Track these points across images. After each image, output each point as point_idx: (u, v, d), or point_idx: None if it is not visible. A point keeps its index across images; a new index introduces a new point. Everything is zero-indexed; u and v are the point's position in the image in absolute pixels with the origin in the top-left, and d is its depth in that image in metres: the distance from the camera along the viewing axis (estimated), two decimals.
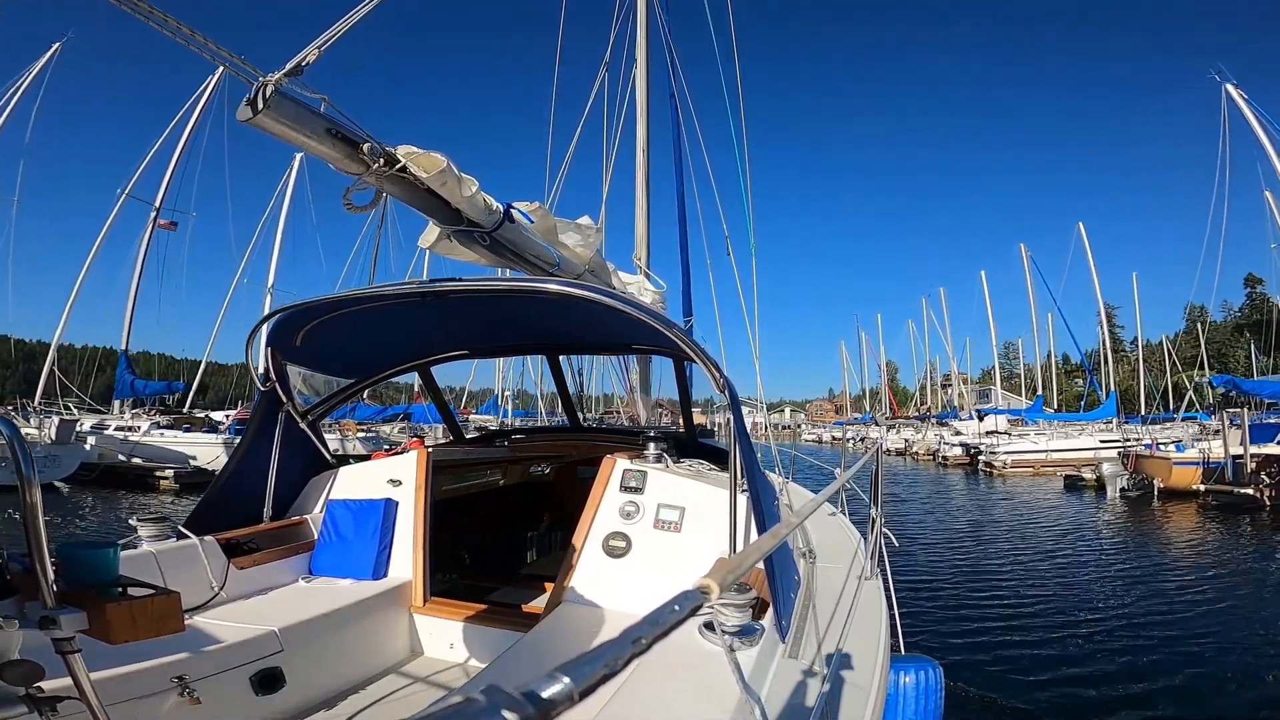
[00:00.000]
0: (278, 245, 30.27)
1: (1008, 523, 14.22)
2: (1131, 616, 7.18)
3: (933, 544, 11.54)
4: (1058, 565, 9.94)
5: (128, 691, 1.89)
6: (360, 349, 3.76)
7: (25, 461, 1.34)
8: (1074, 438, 28.64)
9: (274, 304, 28.87)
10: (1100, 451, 25.05)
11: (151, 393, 24.38)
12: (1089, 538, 12.54)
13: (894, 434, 45.71)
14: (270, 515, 3.30)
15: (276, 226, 30.55)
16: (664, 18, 8.41)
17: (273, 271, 29.74)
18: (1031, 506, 17.05)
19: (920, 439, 41.00)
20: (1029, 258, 42.06)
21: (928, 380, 66.34)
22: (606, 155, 8.44)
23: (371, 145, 2.52)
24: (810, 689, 1.72)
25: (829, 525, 3.80)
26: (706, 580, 0.71)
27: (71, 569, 1.49)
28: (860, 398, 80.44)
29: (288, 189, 31.04)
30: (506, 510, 4.75)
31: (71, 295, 24.63)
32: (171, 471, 19.34)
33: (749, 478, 2.49)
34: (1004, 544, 11.60)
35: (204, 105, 26.04)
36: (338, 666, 2.67)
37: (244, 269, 30.63)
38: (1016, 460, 27.01)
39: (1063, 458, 26.17)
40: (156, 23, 1.87)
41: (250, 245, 30.96)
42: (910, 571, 9.06)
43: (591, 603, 2.76)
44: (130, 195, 24.92)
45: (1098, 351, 45.67)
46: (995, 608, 7.48)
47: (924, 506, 17.37)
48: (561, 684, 0.45)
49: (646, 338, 3.89)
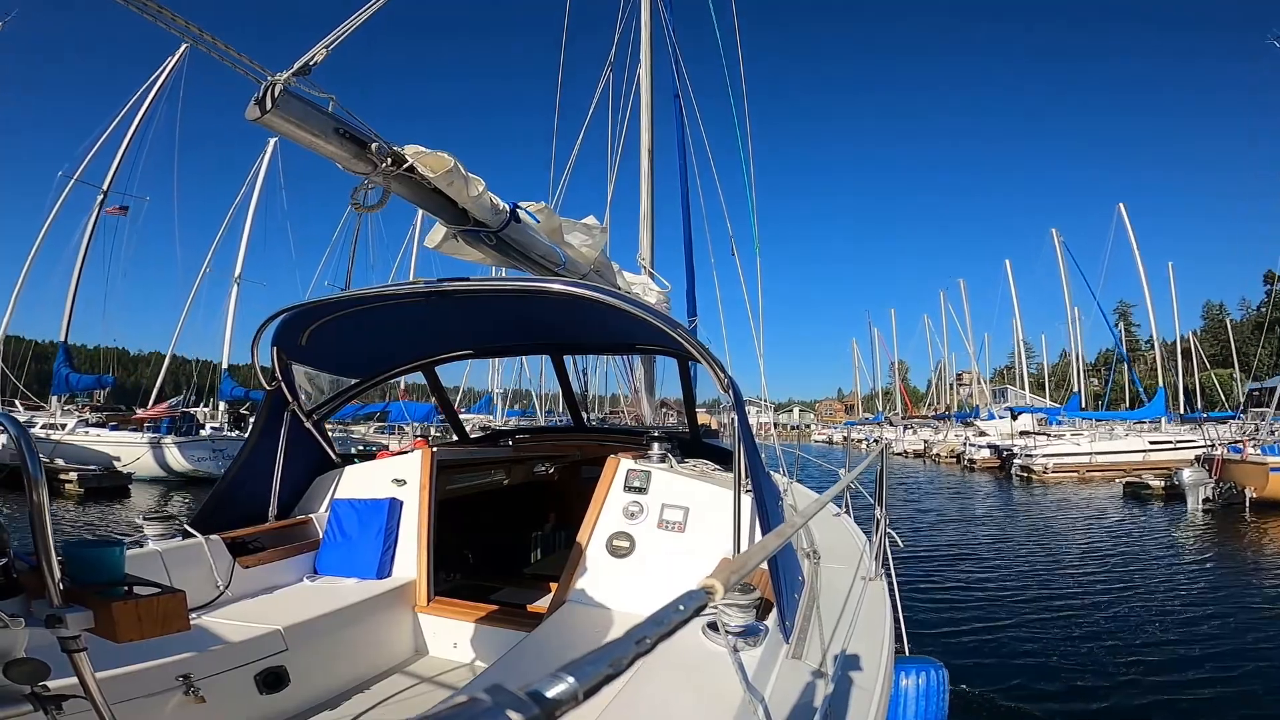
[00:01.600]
0: (246, 233, 28.13)
1: (1065, 540, 12.09)
2: (1248, 658, 5.73)
3: (976, 559, 10.10)
4: (1140, 592, 8.16)
5: (133, 690, 1.90)
6: (365, 348, 3.77)
7: (32, 460, 1.35)
8: (1119, 439, 25.72)
9: (241, 295, 27.41)
10: (1151, 454, 23.02)
11: (83, 387, 22.76)
12: (1176, 560, 10.32)
13: (911, 434, 43.46)
14: (275, 514, 3.31)
15: (246, 213, 28.24)
16: (668, 17, 8.41)
17: (240, 260, 27.75)
18: (1090, 521, 14.55)
19: (941, 440, 38.44)
20: (1061, 244, 37.84)
21: (941, 378, 64.35)
22: (611, 155, 8.46)
23: (379, 145, 2.53)
24: (814, 690, 1.71)
25: (833, 526, 3.79)
26: (710, 580, 0.71)
27: (77, 568, 1.49)
28: (871, 397, 78.09)
29: (259, 174, 28.62)
30: (510, 510, 4.75)
31: (16, 286, 23.07)
32: (76, 475, 17.12)
33: (753, 478, 2.49)
34: (1066, 566, 9.74)
35: (161, 86, 23.84)
36: (342, 666, 2.67)
37: (211, 258, 28.25)
38: (1059, 464, 23.93)
39: (1109, 461, 23.60)
40: (165, 22, 1.88)
41: (218, 233, 28.65)
42: (950, 593, 7.96)
43: (595, 603, 2.75)
44: (80, 180, 22.94)
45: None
46: (1065, 646, 6.09)
47: (957, 516, 15.37)
48: (566, 684, 0.45)
49: (651, 338, 3.89)
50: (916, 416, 55.24)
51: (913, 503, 18.04)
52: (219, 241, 28.52)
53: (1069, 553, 10.83)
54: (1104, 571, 9.40)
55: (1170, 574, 9.24)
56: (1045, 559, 10.33)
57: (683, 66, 8.32)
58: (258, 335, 3.16)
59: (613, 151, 8.43)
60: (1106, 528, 13.46)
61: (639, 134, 8.14)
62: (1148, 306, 33.99)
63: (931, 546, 11.00)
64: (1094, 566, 9.73)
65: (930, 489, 22.06)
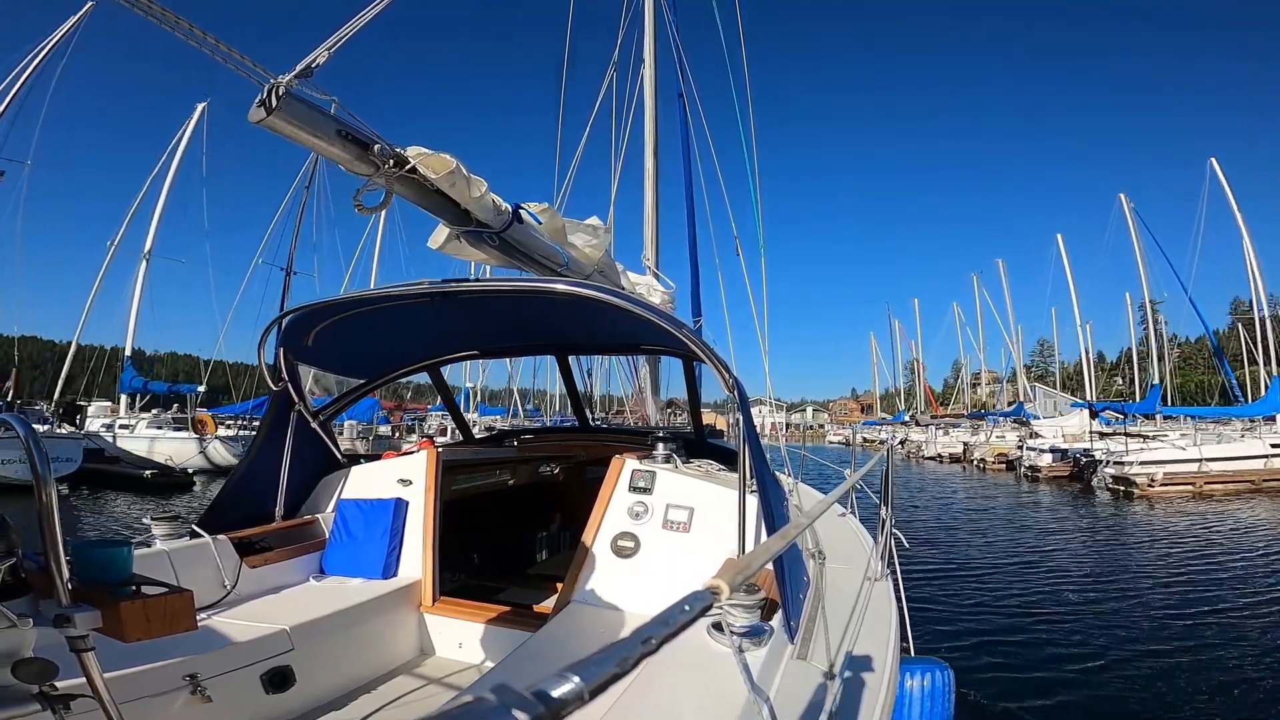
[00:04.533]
0: (161, 205, 25.90)
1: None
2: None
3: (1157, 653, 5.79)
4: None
5: (140, 690, 1.91)
6: (371, 349, 3.78)
7: (41, 461, 1.36)
8: (1228, 441, 20.68)
9: (149, 271, 25.83)
10: (1273, 460, 18.45)
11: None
12: None
13: (943, 435, 38.06)
14: (282, 514, 3.32)
15: (162, 184, 25.90)
16: (671, 18, 8.42)
17: (151, 234, 25.80)
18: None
19: (984, 442, 32.31)
20: (1132, 210, 31.81)
21: (965, 374, 60.77)
22: (615, 156, 8.46)
23: (381, 146, 2.53)
24: (819, 690, 1.71)
25: (839, 526, 3.79)
26: (716, 581, 0.71)
27: (86, 567, 1.50)
28: (893, 395, 72.51)
29: (182, 141, 26.25)
30: (515, 510, 4.76)
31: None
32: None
33: (758, 478, 2.48)
34: None
35: (59, 41, 21.65)
36: (348, 665, 2.68)
37: (123, 233, 25.58)
38: (1168, 475, 18.00)
39: (1226, 470, 18.39)
40: (169, 25, 1.89)
41: (132, 207, 25.85)
42: None
43: (600, 603, 2.75)
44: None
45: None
46: None
47: (1059, 557, 10.09)
48: (571, 684, 0.45)
49: (655, 338, 3.88)
50: (946, 416, 49.38)
51: (968, 526, 12.90)
52: (133, 215, 25.85)
53: None
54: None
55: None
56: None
57: (686, 66, 8.34)
58: (264, 336, 3.18)
59: (616, 152, 8.44)
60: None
61: (643, 134, 8.15)
62: (1254, 284, 28.59)
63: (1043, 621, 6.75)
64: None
65: (986, 509, 16.13)
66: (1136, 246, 32.98)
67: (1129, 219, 32.87)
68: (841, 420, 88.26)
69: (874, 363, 75.74)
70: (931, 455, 36.04)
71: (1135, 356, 38.13)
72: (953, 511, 15.75)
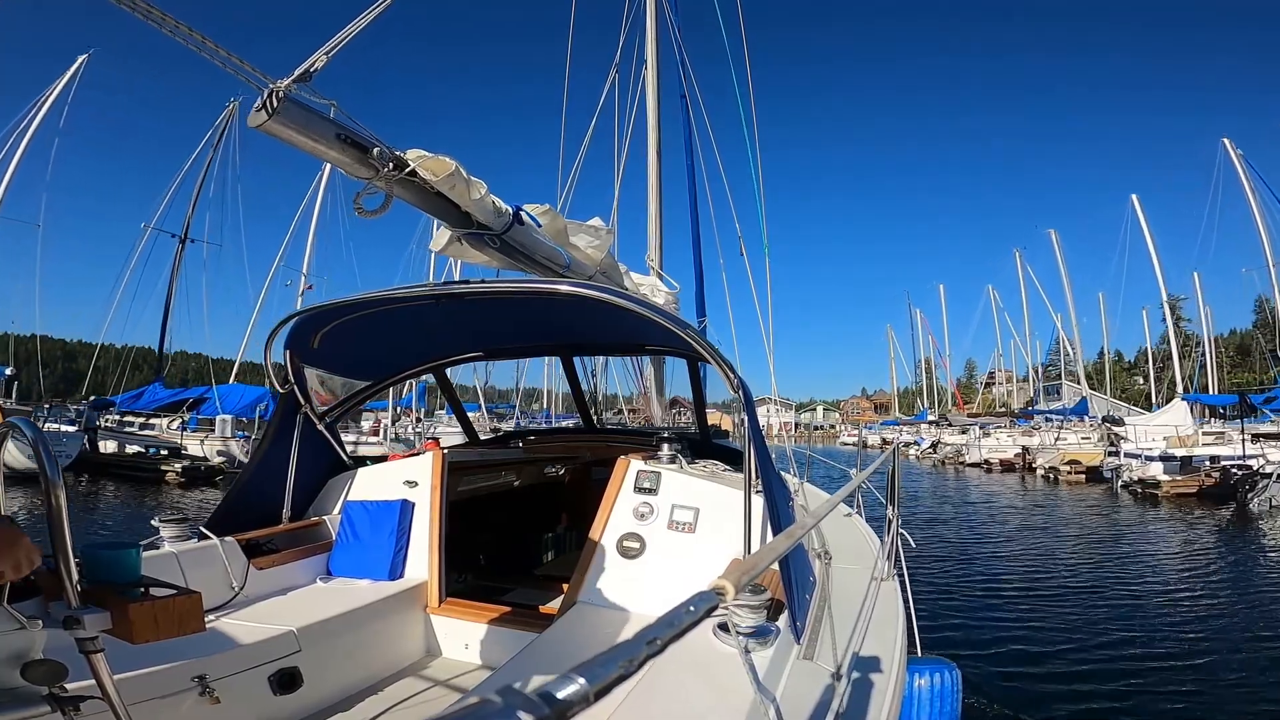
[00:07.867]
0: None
1: None
2: None
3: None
4: None
5: (149, 691, 1.92)
6: (376, 351, 3.79)
7: (49, 463, 1.36)
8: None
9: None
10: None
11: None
12: None
13: (988, 439, 32.57)
14: (289, 516, 3.34)
15: None
16: (673, 18, 8.41)
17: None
18: None
19: (1052, 445, 27.11)
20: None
21: (1001, 368, 54.66)
22: (618, 156, 8.47)
23: (381, 149, 2.53)
24: (825, 691, 1.71)
25: (845, 526, 3.78)
26: (721, 581, 0.71)
27: (94, 569, 1.51)
28: (913, 393, 66.96)
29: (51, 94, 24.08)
30: (521, 511, 4.76)
31: None
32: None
33: (764, 478, 2.48)
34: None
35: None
36: (355, 666, 2.69)
37: None
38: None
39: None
40: (169, 29, 1.90)
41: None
42: None
43: (606, 603, 2.76)
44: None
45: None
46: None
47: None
48: (577, 684, 0.45)
49: (660, 338, 3.88)
50: (982, 415, 42.67)
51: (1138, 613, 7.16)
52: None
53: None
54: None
55: None
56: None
57: (689, 67, 8.33)
58: (270, 338, 3.20)
59: (619, 153, 8.45)
60: None
61: (645, 135, 8.15)
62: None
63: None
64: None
65: (1129, 557, 9.81)
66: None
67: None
68: (855, 420, 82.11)
69: (891, 357, 70.16)
70: (976, 462, 30.36)
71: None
72: (1068, 562, 9.30)
